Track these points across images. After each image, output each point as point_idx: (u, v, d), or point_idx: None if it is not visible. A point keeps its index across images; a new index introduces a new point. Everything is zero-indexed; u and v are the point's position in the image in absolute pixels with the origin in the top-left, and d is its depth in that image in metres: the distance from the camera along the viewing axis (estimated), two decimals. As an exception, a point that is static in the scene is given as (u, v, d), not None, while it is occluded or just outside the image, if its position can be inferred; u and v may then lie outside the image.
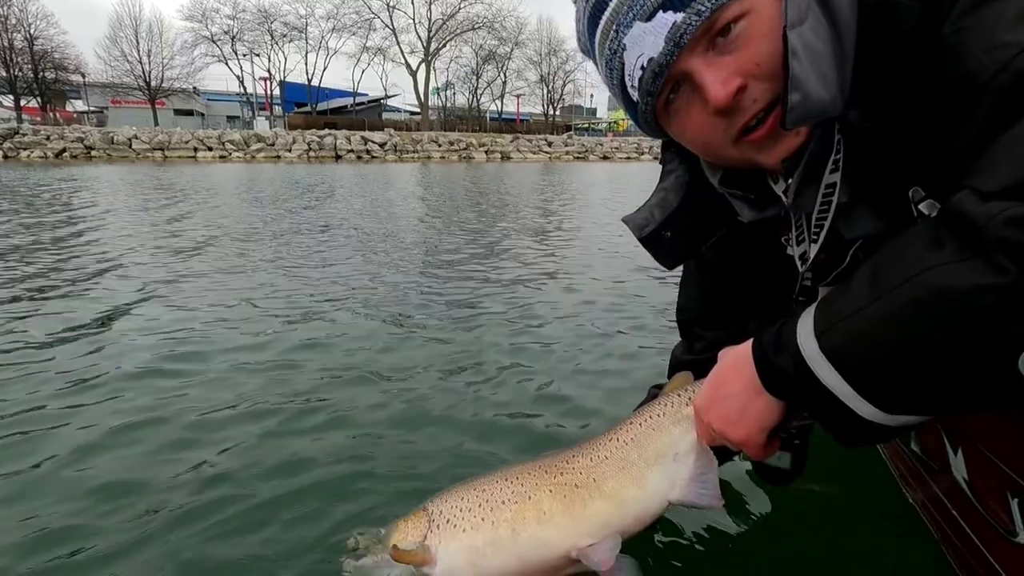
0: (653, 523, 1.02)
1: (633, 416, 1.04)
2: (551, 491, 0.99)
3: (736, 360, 0.81)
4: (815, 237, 0.80)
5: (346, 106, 57.68)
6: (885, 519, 1.39)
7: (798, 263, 0.86)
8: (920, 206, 0.69)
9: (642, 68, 0.73)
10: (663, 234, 0.97)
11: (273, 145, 35.24)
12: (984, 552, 0.94)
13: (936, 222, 0.61)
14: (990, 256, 0.53)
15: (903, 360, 0.60)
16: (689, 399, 0.97)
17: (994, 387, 0.59)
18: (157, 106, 48.14)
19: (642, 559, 1.04)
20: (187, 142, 33.84)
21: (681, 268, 1.21)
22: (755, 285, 1.06)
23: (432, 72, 55.96)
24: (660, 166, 1.02)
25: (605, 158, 41.85)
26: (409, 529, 1.01)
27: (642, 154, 43.11)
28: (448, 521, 1.00)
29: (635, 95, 0.77)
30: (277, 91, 56.92)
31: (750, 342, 0.80)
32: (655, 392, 1.20)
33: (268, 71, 55.50)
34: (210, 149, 33.99)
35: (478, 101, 60.58)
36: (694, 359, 1.20)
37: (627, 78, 0.76)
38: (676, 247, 1.00)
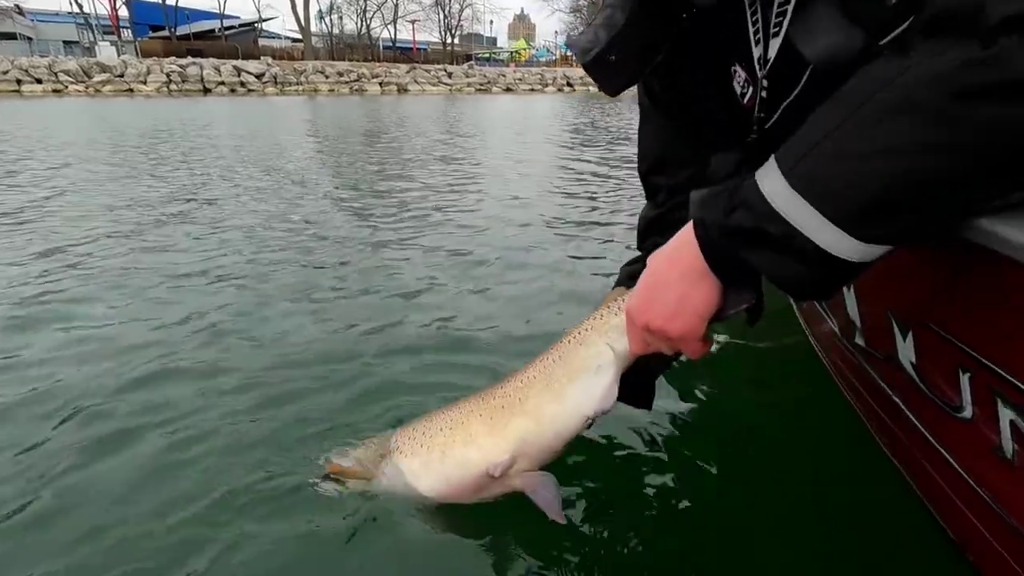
0: (573, 440, 1.05)
1: (565, 334, 1.05)
2: (480, 415, 1.05)
3: (670, 250, 0.79)
4: (776, 30, 0.75)
5: (213, 30, 50.38)
6: (821, 420, 1.54)
7: (758, 68, 0.81)
8: None
9: None
10: (608, 57, 0.91)
11: (122, 76, 29.65)
12: (926, 434, 0.98)
13: (908, 31, 0.57)
14: (987, 37, 0.48)
15: (885, 173, 0.55)
16: (619, 308, 0.96)
17: (986, 186, 0.55)
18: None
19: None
20: (6, 73, 27.53)
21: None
22: (712, 118, 1.00)
23: (313, -9, 49.58)
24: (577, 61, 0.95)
25: (508, 90, 39.99)
26: (369, 450, 1.17)
27: (546, 86, 41.85)
28: (397, 447, 1.13)
29: None
30: (125, 11, 47.99)
31: (684, 229, 0.76)
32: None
33: (108, -15, 46.44)
34: (39, 81, 28.02)
35: (368, 27, 55.09)
36: (659, 213, 1.18)
37: None
38: (622, 71, 0.94)
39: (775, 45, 0.76)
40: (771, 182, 0.64)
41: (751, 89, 0.86)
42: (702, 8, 0.82)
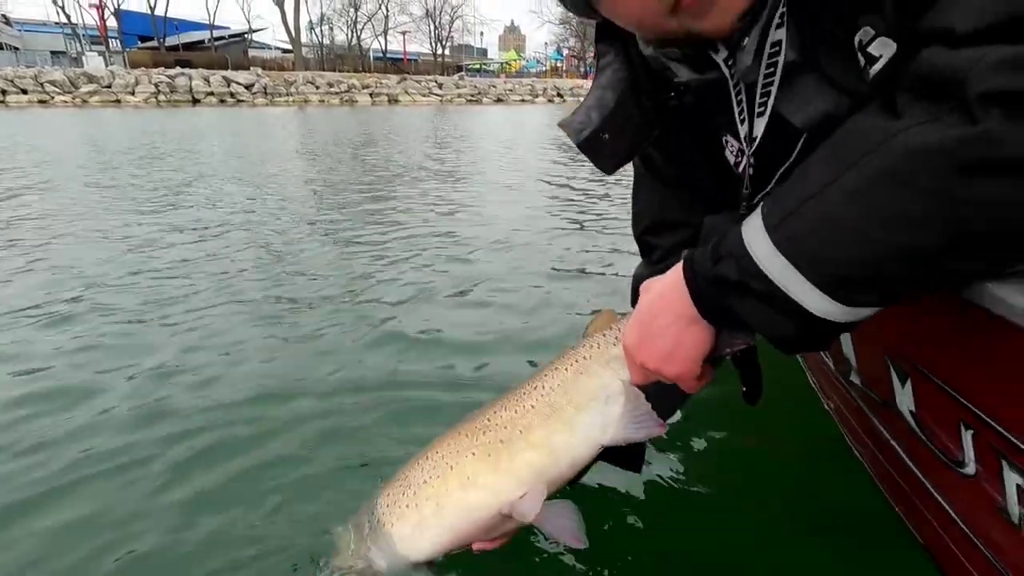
0: (587, 468, 1.02)
1: (557, 361, 1.01)
2: (474, 454, 0.97)
3: (662, 290, 0.78)
4: (761, 110, 0.76)
5: (203, 41, 50.22)
6: (823, 460, 1.49)
7: (744, 145, 0.82)
8: (870, 48, 0.63)
9: None
10: (601, 136, 0.92)
11: (110, 87, 29.43)
12: (928, 486, 0.94)
13: (896, 89, 0.55)
14: (971, 110, 0.48)
15: (874, 242, 0.54)
16: (616, 339, 0.95)
17: (974, 258, 0.54)
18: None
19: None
20: (-9, 83, 27.29)
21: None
22: (705, 186, 1.02)
23: (304, 2, 49.70)
24: (595, 61, 0.95)
25: (499, 100, 40.19)
26: (349, 543, 1.05)
27: (536, 96, 42.11)
28: (379, 520, 1.01)
29: None
30: (114, 22, 47.71)
31: (675, 269, 0.76)
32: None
33: (97, -5, 46.23)
34: (24, 92, 27.72)
35: (359, 38, 55.19)
36: (653, 271, 1.11)
37: None
38: (616, 149, 0.94)
39: (760, 124, 0.77)
40: (756, 237, 0.63)
41: (744, 157, 0.86)
42: (691, 90, 0.84)
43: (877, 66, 0.63)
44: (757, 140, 0.79)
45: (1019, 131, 0.46)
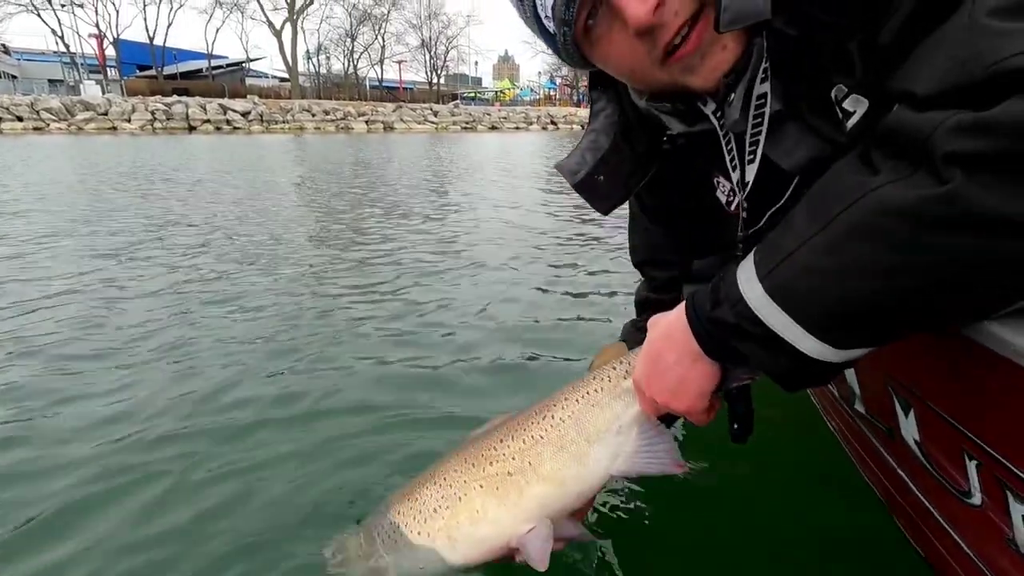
0: (595, 496, 1.04)
1: (566, 392, 1.01)
2: (481, 486, 0.97)
3: (668, 329, 0.81)
4: (751, 157, 0.79)
5: (201, 70, 50.94)
6: (829, 485, 1.47)
7: (737, 189, 0.84)
8: (844, 104, 0.68)
9: None
10: (596, 178, 0.95)
11: (106, 114, 29.71)
12: (936, 516, 0.95)
13: (871, 143, 0.59)
14: (937, 170, 0.51)
15: (853, 291, 0.58)
16: (627, 372, 0.95)
17: (946, 307, 0.58)
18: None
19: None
20: (-13, 110, 27.45)
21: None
22: (695, 227, 1.05)
23: (301, 33, 50.56)
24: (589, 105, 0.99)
25: (494, 128, 40.79)
26: (356, 548, 1.05)
27: (531, 124, 42.79)
28: (391, 539, 1.01)
29: (551, 26, 0.75)
30: (112, 51, 48.34)
31: (680, 308, 0.79)
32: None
33: (96, 25, 46.92)
34: (20, 119, 27.89)
35: (355, 67, 56.12)
36: (658, 298, 1.25)
37: (539, 8, 0.74)
38: (611, 191, 0.97)
39: (751, 171, 0.80)
40: (749, 284, 0.67)
41: (736, 198, 0.89)
42: (683, 134, 0.88)
43: (853, 120, 0.68)
44: (749, 185, 0.82)
45: (977, 190, 0.50)
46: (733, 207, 0.93)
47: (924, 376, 0.87)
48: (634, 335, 1.28)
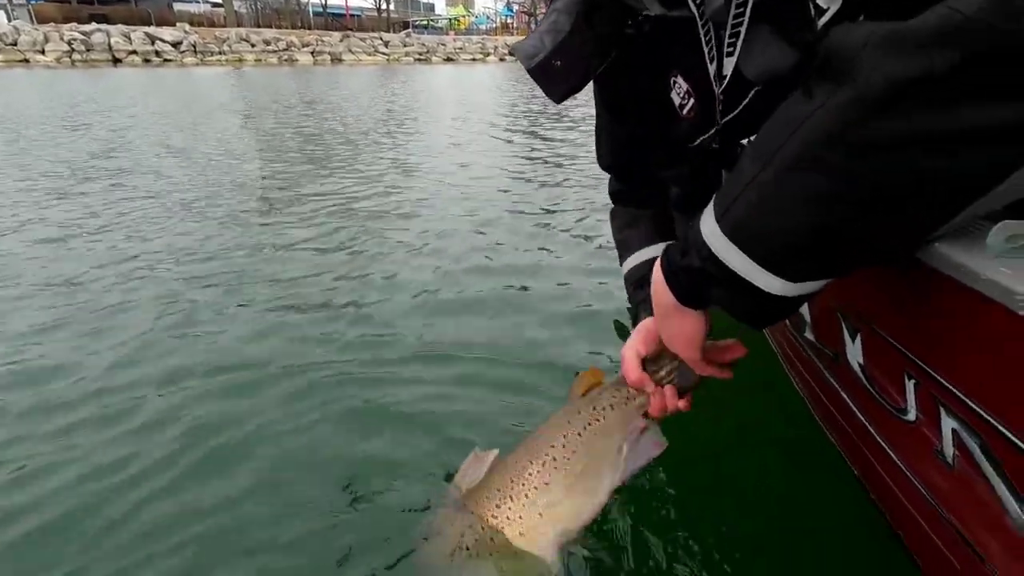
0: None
1: (566, 424, 0.99)
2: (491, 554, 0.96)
3: (654, 286, 0.82)
4: (731, 49, 0.77)
5: (120, -7, 45.94)
6: (775, 411, 1.52)
7: (714, 83, 0.83)
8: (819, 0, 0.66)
9: None
10: (553, 63, 0.91)
11: (15, 44, 26.79)
12: (874, 434, 1.00)
13: (811, 71, 0.57)
14: (858, 80, 0.50)
15: (798, 223, 0.59)
16: (627, 398, 0.97)
17: (885, 229, 0.57)
18: None
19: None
20: None
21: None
22: (643, 124, 1.04)
23: (232, -48, 45.84)
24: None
25: (449, 59, 39.01)
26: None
27: (488, 55, 41.03)
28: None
29: None
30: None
31: (656, 268, 0.81)
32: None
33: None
34: (-86, 51, 24.88)
35: (296, -9, 51.74)
36: (625, 188, 1.26)
37: None
38: (567, 77, 0.94)
39: (730, 63, 0.78)
40: (709, 228, 0.68)
41: (691, 100, 0.88)
42: (651, 20, 0.85)
43: (824, 18, 0.67)
44: (727, 78, 0.80)
45: (887, 63, 0.48)
46: (685, 111, 0.92)
47: (872, 302, 0.90)
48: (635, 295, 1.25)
